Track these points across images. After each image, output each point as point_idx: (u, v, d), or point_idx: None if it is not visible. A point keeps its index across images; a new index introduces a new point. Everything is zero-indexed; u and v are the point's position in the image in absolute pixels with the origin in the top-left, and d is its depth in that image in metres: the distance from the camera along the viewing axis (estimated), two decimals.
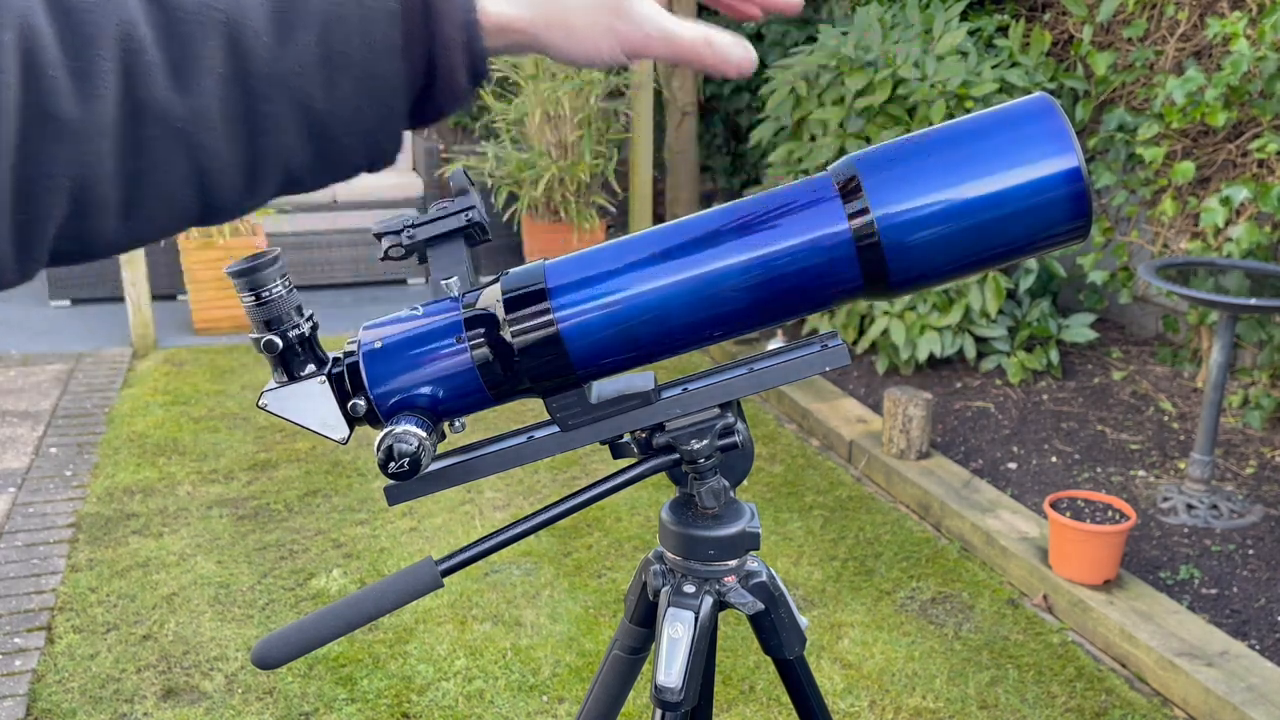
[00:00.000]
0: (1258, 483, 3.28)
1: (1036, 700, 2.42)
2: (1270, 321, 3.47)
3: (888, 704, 2.41)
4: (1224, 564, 2.85)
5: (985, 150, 0.73)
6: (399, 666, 2.54)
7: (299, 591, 2.87)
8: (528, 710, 2.40)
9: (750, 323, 0.78)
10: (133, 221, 0.54)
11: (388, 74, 0.58)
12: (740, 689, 2.45)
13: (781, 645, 0.97)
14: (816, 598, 2.84)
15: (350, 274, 5.86)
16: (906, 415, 3.41)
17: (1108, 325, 4.55)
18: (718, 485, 0.86)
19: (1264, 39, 3.27)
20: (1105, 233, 4.08)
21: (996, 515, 3.08)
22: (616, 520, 3.25)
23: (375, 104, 0.59)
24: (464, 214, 0.77)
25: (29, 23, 0.47)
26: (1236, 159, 3.69)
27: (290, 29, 0.56)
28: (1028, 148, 0.72)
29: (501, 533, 0.80)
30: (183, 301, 5.46)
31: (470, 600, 2.82)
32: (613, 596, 2.84)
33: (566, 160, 5.45)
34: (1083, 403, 3.89)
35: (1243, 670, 2.36)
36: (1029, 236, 0.73)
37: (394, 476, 0.75)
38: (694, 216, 0.79)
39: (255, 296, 0.72)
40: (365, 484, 3.48)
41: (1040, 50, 4.20)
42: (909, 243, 0.73)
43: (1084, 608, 2.65)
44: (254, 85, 0.55)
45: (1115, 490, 3.25)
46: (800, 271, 0.75)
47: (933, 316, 4.01)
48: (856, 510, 3.33)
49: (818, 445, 3.84)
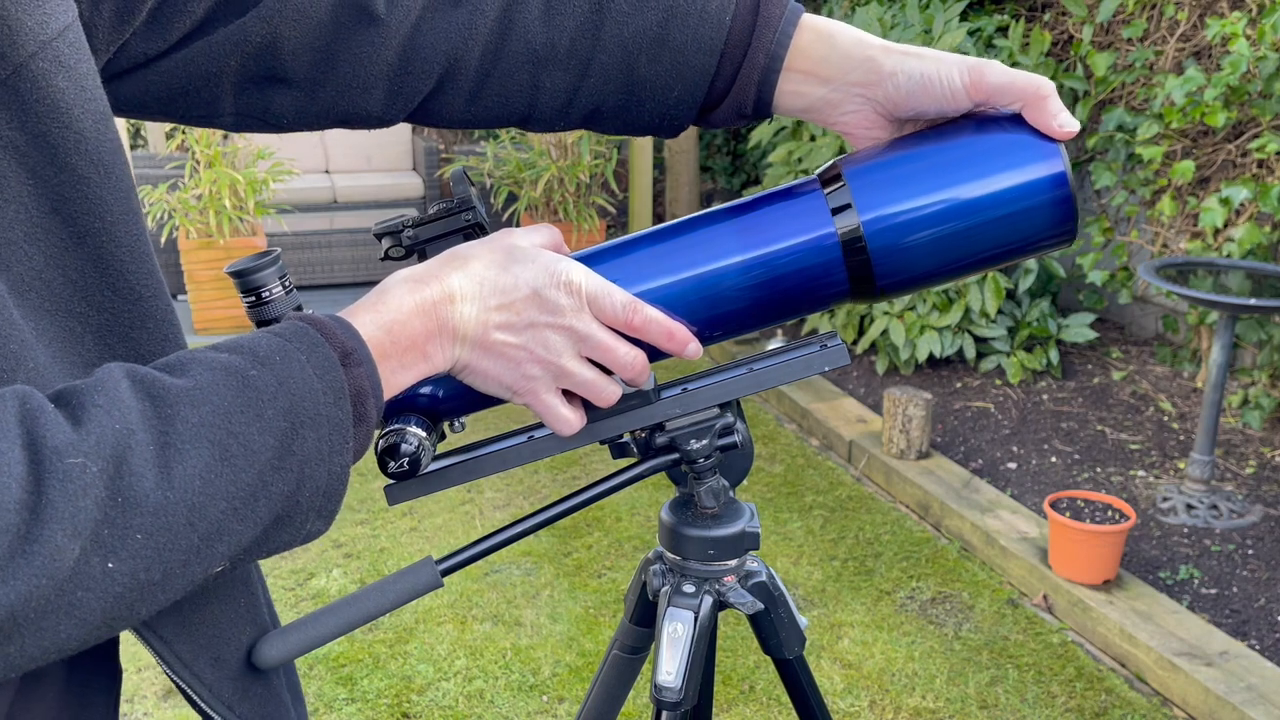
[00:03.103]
0: (1257, 483, 3.28)
1: (1036, 700, 2.42)
2: (1270, 321, 3.47)
3: (888, 704, 2.41)
4: (1224, 564, 2.85)
5: (973, 154, 0.73)
6: (399, 666, 2.54)
7: (299, 591, 2.87)
8: (528, 710, 2.40)
9: (749, 323, 0.78)
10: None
11: (698, 68, 0.72)
12: (740, 689, 2.45)
13: (781, 645, 0.97)
14: (816, 598, 2.84)
15: (350, 274, 5.85)
16: (906, 415, 3.41)
17: (1108, 325, 4.55)
18: (717, 485, 0.86)
19: (1264, 39, 3.27)
20: (1105, 233, 4.08)
21: (996, 515, 3.08)
22: (616, 520, 3.25)
23: (681, 84, 0.73)
24: (464, 214, 0.77)
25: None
26: (1236, 159, 3.69)
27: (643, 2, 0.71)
28: (1015, 152, 0.72)
29: (501, 532, 0.80)
30: (183, 302, 5.46)
31: (470, 600, 2.82)
32: (613, 596, 2.84)
33: (566, 160, 5.45)
34: (1083, 403, 3.89)
35: (1242, 670, 2.36)
36: (1015, 241, 0.74)
37: (394, 476, 0.75)
38: (693, 216, 0.79)
39: (255, 296, 0.72)
40: (365, 484, 3.48)
41: (1040, 50, 4.20)
42: (895, 246, 0.73)
43: (1084, 608, 2.65)
44: (601, 35, 0.72)
45: (1115, 490, 3.25)
46: (792, 273, 0.75)
47: (932, 316, 4.01)
48: (856, 510, 3.33)
49: (817, 445, 3.84)
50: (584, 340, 0.69)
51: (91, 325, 0.60)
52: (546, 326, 0.68)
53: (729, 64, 0.73)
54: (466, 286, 0.66)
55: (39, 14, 0.55)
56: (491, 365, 0.68)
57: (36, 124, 0.55)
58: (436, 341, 0.65)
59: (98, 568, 0.48)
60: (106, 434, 0.49)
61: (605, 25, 0.71)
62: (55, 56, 0.56)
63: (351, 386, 0.59)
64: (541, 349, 0.68)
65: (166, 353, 0.64)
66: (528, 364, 0.68)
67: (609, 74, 0.73)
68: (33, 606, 0.47)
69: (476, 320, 0.66)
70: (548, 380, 0.70)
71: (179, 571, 0.52)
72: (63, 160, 0.57)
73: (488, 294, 0.66)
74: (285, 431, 0.55)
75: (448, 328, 0.66)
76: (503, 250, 0.69)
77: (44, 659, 0.49)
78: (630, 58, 0.72)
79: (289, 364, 0.57)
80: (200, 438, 0.52)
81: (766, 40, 0.72)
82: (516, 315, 0.67)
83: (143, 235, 0.62)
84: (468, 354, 0.67)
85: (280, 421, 0.55)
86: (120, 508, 0.49)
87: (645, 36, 0.72)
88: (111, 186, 0.59)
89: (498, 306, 0.67)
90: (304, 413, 0.56)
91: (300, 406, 0.56)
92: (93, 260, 0.59)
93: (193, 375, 0.54)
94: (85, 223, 0.58)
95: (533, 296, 0.67)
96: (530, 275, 0.67)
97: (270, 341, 0.58)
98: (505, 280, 0.67)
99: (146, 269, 0.62)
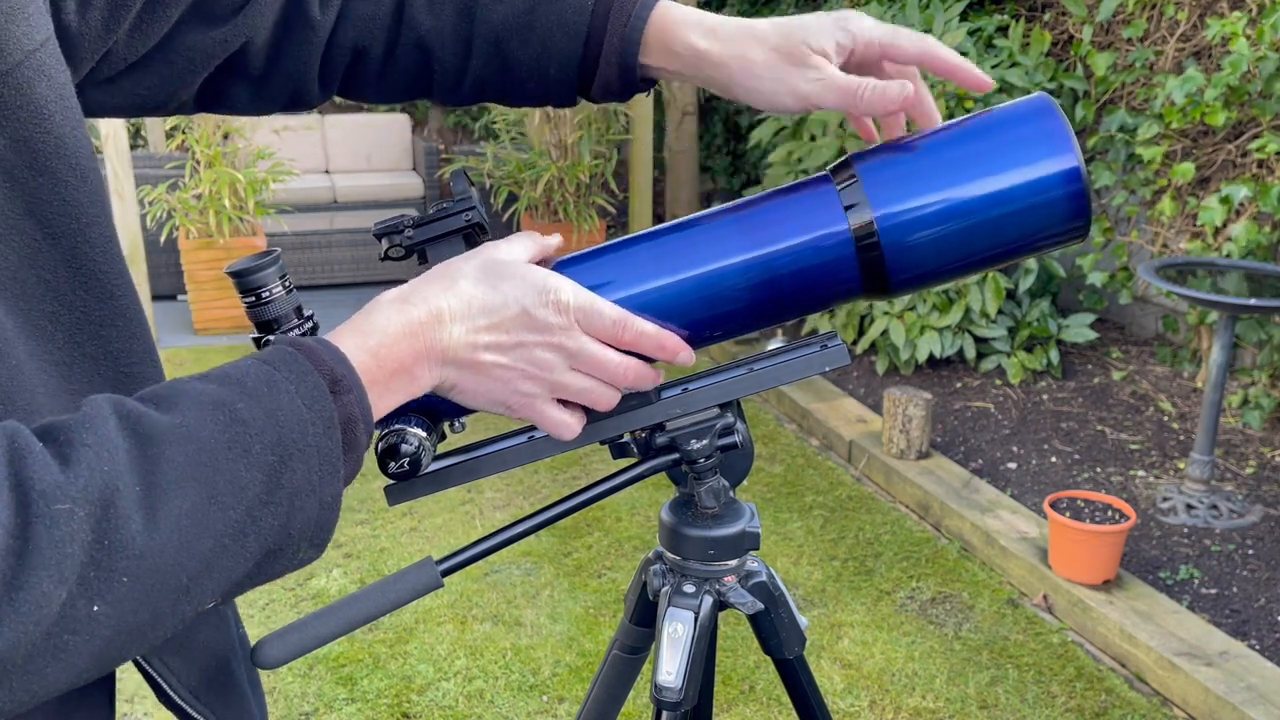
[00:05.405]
0: (1257, 483, 3.28)
1: (1036, 700, 2.42)
2: (1270, 321, 3.47)
3: (888, 704, 2.41)
4: (1224, 564, 2.85)
5: (985, 150, 0.72)
6: (399, 666, 2.54)
7: (299, 591, 2.87)
8: (528, 710, 2.40)
9: (751, 323, 0.78)
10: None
11: (565, 50, 0.79)
12: (740, 689, 2.45)
13: (781, 645, 0.96)
14: (816, 598, 2.84)
15: (350, 274, 5.85)
16: (906, 415, 3.41)
17: (1108, 325, 4.55)
18: (717, 485, 0.86)
19: (1263, 39, 3.27)
20: (1105, 233, 4.08)
21: (996, 515, 3.08)
22: (616, 520, 3.25)
23: (554, 64, 0.79)
24: (464, 214, 0.77)
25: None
26: (1236, 159, 3.69)
27: None
28: (1027, 148, 0.72)
29: (501, 533, 0.80)
30: (183, 302, 5.46)
31: (470, 600, 2.82)
32: (613, 596, 2.84)
33: (566, 160, 5.45)
34: (1083, 403, 3.89)
35: (1242, 670, 2.36)
36: (1028, 236, 0.73)
37: (394, 476, 0.75)
38: (693, 216, 0.79)
39: (255, 297, 0.72)
40: (365, 484, 3.48)
41: (1040, 50, 4.19)
42: (908, 243, 0.73)
43: (1084, 608, 2.65)
44: (475, 21, 0.79)
45: (1115, 490, 3.25)
46: (800, 272, 0.75)
47: (932, 317, 4.01)
48: (856, 510, 3.33)
49: (817, 445, 3.84)
50: (575, 356, 0.70)
51: (63, 324, 0.61)
52: (537, 345, 0.68)
53: (595, 46, 0.79)
54: (454, 306, 0.66)
55: (24, 25, 0.58)
56: (481, 384, 0.68)
57: (18, 129, 0.58)
58: (424, 364, 0.65)
59: (84, 611, 0.48)
60: (95, 477, 0.49)
61: (478, 12, 0.79)
62: (38, 66, 0.59)
63: (341, 414, 0.59)
64: (533, 367, 0.68)
65: (135, 350, 0.66)
66: (520, 381, 0.69)
67: (487, 55, 0.80)
68: (20, 652, 0.47)
69: (465, 341, 0.66)
70: (544, 395, 0.70)
71: (168, 611, 0.52)
72: (42, 164, 0.59)
73: (476, 313, 0.67)
74: (274, 465, 0.55)
75: (435, 349, 0.66)
76: (490, 267, 0.69)
77: (33, 702, 0.49)
78: (501, 41, 0.80)
79: (277, 395, 0.57)
80: (187, 478, 0.52)
81: (620, 25, 0.77)
82: (506, 334, 0.67)
83: (114, 236, 0.65)
84: (455, 374, 0.67)
85: (268, 455, 0.55)
86: (107, 552, 0.49)
87: (514, 21, 0.79)
88: (86, 190, 0.62)
89: (487, 326, 0.67)
90: (293, 445, 0.56)
91: (289, 438, 0.56)
92: (66, 260, 0.61)
93: (180, 411, 0.54)
94: (60, 224, 0.60)
95: (522, 315, 0.67)
96: (519, 293, 0.68)
97: (258, 371, 0.58)
98: (494, 299, 0.67)
99: (118, 269, 0.64)
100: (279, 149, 5.42)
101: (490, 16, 0.79)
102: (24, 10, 0.59)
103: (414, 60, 0.82)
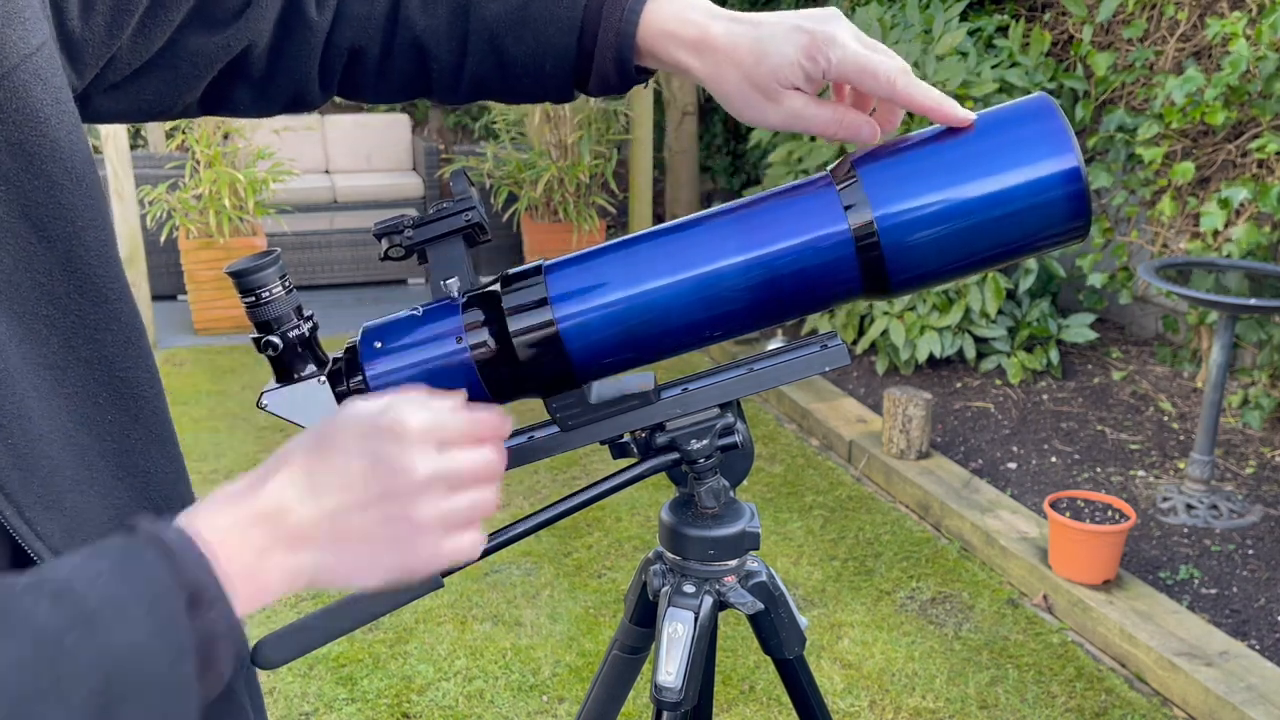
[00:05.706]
0: (1257, 483, 3.28)
1: (1036, 700, 2.42)
2: (1270, 321, 3.47)
3: (888, 704, 2.41)
4: (1224, 564, 2.85)
5: (985, 150, 0.72)
6: (399, 666, 2.54)
7: (299, 591, 2.87)
8: (528, 710, 2.40)
9: (750, 323, 0.78)
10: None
11: (560, 45, 0.78)
12: (740, 689, 2.45)
13: (781, 645, 0.97)
14: (816, 598, 2.84)
15: (350, 274, 5.86)
16: (906, 415, 3.41)
17: (1108, 325, 4.55)
18: (717, 485, 0.86)
19: (1263, 39, 3.27)
20: (1105, 233, 4.08)
21: (996, 515, 3.08)
22: (616, 520, 3.25)
23: (550, 60, 0.79)
24: (464, 214, 0.77)
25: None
26: (1236, 159, 3.69)
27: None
28: (1027, 148, 0.72)
29: (501, 533, 0.80)
30: (183, 302, 5.46)
31: (470, 600, 2.82)
32: (613, 596, 2.84)
33: (566, 161, 5.45)
34: (1083, 403, 3.89)
35: (1242, 670, 2.36)
36: (1029, 236, 0.73)
37: None
38: (694, 216, 0.79)
39: (255, 297, 0.72)
40: None
41: (1040, 50, 4.20)
42: (908, 243, 0.73)
43: (1084, 608, 2.65)
44: (470, 18, 0.79)
45: (1115, 490, 3.25)
46: (800, 272, 0.75)
47: (932, 317, 4.01)
48: (856, 510, 3.33)
49: (817, 445, 3.84)
50: (444, 479, 0.62)
51: (58, 328, 0.61)
52: (405, 489, 0.60)
53: (590, 41, 0.79)
54: (292, 487, 0.59)
55: (20, 29, 0.58)
56: (360, 557, 0.60)
57: (15, 132, 0.58)
58: (275, 558, 0.58)
59: None
60: None
61: (472, 9, 0.79)
62: (35, 70, 0.59)
63: (199, 636, 0.53)
64: (410, 511, 0.61)
65: (130, 354, 0.65)
66: (409, 536, 0.61)
67: (483, 53, 0.80)
68: None
69: (318, 517, 0.59)
70: (439, 534, 0.62)
71: None
72: (39, 167, 0.59)
73: (320, 485, 0.59)
74: (97, 710, 0.49)
75: (283, 539, 0.58)
76: (318, 432, 0.62)
77: None
78: (496, 38, 0.79)
79: (118, 623, 0.50)
80: None
81: (615, 19, 0.77)
82: (364, 492, 0.59)
83: (111, 240, 0.64)
84: (323, 557, 0.60)
85: (93, 700, 0.49)
86: None
87: (508, 18, 0.79)
88: (82, 193, 0.61)
89: (339, 488, 0.59)
90: (127, 683, 0.50)
91: (124, 677, 0.50)
92: (61, 264, 0.60)
93: None
94: (55, 227, 0.60)
95: (371, 467, 0.60)
96: (357, 444, 0.60)
97: (107, 587, 0.51)
98: (335, 461, 0.60)
99: (114, 273, 0.63)
100: (279, 149, 5.42)
101: (484, 14, 0.79)
102: (20, 14, 0.59)
103: (411, 59, 0.82)
